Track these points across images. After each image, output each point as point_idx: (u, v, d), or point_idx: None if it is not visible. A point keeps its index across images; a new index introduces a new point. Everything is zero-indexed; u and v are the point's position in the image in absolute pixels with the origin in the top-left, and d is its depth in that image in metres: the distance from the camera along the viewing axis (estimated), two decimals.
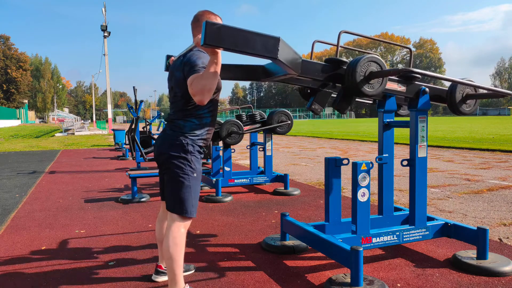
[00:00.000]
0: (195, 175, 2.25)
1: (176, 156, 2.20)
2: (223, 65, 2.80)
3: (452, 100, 2.92)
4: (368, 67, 2.49)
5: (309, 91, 3.04)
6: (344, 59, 2.60)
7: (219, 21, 2.31)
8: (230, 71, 2.92)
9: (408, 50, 3.12)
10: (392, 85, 2.77)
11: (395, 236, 2.85)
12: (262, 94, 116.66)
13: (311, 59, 2.96)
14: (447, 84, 2.99)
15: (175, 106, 2.30)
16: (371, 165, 2.70)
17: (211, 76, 1.99)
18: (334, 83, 2.64)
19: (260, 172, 6.01)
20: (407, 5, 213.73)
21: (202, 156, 2.33)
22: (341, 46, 2.77)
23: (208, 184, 5.70)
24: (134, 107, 8.57)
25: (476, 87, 2.92)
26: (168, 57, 2.69)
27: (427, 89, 2.84)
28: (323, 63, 2.61)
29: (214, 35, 1.91)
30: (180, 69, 2.21)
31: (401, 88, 2.80)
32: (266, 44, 2.05)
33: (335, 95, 2.82)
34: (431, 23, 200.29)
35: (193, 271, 2.76)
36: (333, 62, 2.61)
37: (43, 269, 2.86)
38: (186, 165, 2.21)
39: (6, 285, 2.60)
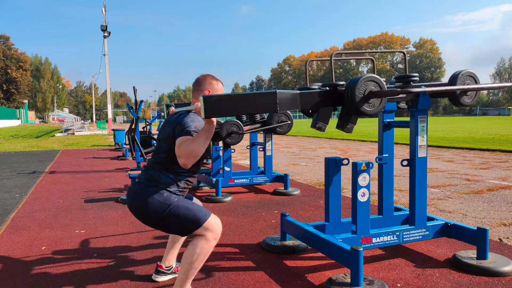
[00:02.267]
0: (175, 200, 2.18)
1: (152, 208, 2.14)
2: None
3: (453, 92, 2.91)
4: (366, 86, 2.49)
5: (310, 110, 3.05)
6: (340, 82, 2.64)
7: (220, 86, 2.37)
8: None
9: (402, 54, 3.13)
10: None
11: (395, 236, 2.85)
12: None
13: (306, 78, 3.03)
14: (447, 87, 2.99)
15: (156, 158, 2.28)
16: (371, 165, 2.70)
17: (201, 143, 1.98)
18: (335, 106, 2.66)
19: (260, 172, 6.01)
20: (407, 5, 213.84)
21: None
22: (335, 59, 2.79)
23: (208, 184, 5.70)
24: (134, 107, 8.58)
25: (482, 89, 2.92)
26: (168, 106, 2.73)
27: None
28: (320, 89, 2.64)
29: (213, 108, 1.98)
30: (172, 125, 2.19)
31: (400, 94, 2.81)
32: (265, 102, 2.13)
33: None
34: (431, 23, 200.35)
35: None
36: (330, 86, 2.63)
37: (43, 269, 2.86)
38: (162, 203, 2.14)
39: (6, 285, 2.60)
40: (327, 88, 2.63)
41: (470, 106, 3.06)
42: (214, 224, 2.18)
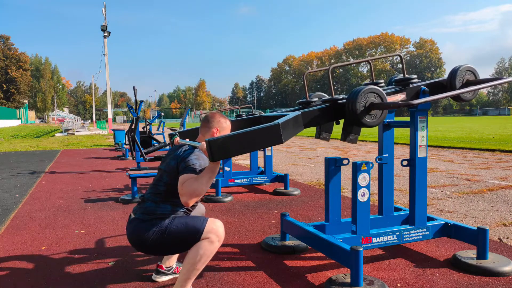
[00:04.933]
0: (167, 220, 2.18)
1: (151, 240, 2.14)
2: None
3: (453, 87, 2.91)
4: (367, 98, 2.50)
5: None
6: (340, 96, 2.64)
7: (228, 124, 2.40)
8: (233, 126, 2.95)
9: (398, 56, 3.12)
10: (392, 98, 2.77)
11: (395, 236, 2.85)
12: (262, 94, 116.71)
13: (306, 91, 3.05)
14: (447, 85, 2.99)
15: (155, 189, 2.27)
16: (371, 165, 2.70)
17: (205, 183, 1.99)
18: (336, 120, 2.67)
19: (260, 172, 6.01)
20: (407, 5, 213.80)
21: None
22: (334, 66, 2.79)
23: None
24: (134, 107, 8.57)
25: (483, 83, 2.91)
26: (171, 136, 2.73)
27: (427, 89, 2.84)
28: (321, 105, 2.65)
29: (220, 150, 2.00)
30: (176, 160, 2.19)
31: (401, 96, 2.81)
32: (269, 136, 2.13)
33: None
34: (431, 23, 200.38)
35: None
36: (330, 101, 2.64)
37: (43, 269, 2.86)
38: (159, 230, 2.14)
39: (6, 285, 2.60)
40: (327, 103, 2.65)
41: (470, 101, 3.07)
42: (214, 226, 2.18)
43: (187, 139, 2.65)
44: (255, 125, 2.25)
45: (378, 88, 2.54)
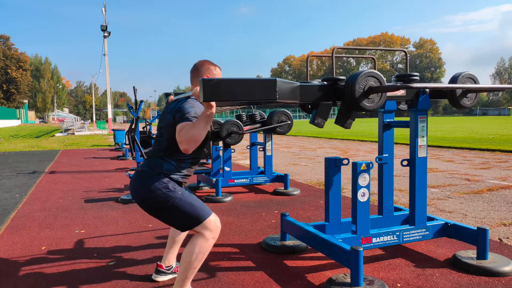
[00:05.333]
0: (179, 192, 2.17)
1: (155, 195, 2.14)
2: None
3: (453, 94, 2.91)
4: (367, 82, 2.49)
5: (310, 106, 3.04)
6: (341, 76, 2.63)
7: (218, 71, 2.35)
8: None
9: (403, 53, 3.12)
10: (391, 92, 2.77)
11: (395, 236, 2.85)
12: None
13: (307, 74, 3.04)
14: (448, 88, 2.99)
15: (158, 145, 2.27)
16: (371, 165, 2.70)
17: (202, 128, 1.98)
18: (334, 100, 2.66)
19: (260, 172, 6.01)
20: (407, 5, 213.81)
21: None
22: (336, 56, 2.78)
23: (208, 184, 5.70)
24: (134, 107, 8.57)
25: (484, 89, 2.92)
26: (167, 95, 2.72)
27: (427, 89, 2.84)
28: (320, 83, 2.63)
29: (212, 91, 1.96)
30: (172, 112, 2.19)
31: (401, 92, 2.80)
32: (264, 89, 2.11)
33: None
34: (432, 23, 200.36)
35: None
36: (331, 80, 2.63)
37: (43, 269, 2.86)
38: (166, 192, 2.14)
39: (6, 285, 2.60)
40: (328, 82, 2.63)
41: (470, 108, 3.06)
42: (214, 223, 2.18)
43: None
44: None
45: (378, 72, 2.54)
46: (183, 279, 2.18)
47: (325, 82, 2.63)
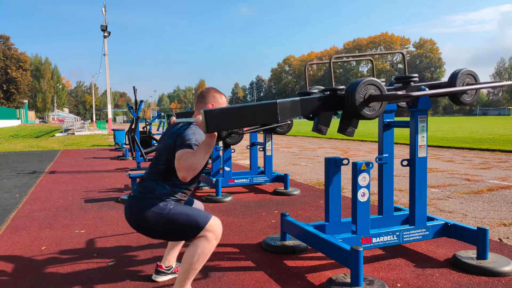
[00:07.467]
0: (171, 207, 2.15)
1: (147, 218, 2.12)
2: None
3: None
4: (367, 90, 2.49)
5: (311, 114, 3.05)
6: (340, 86, 2.64)
7: (223, 99, 2.36)
8: None
9: (401, 54, 3.11)
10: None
11: (395, 236, 2.85)
12: (262, 94, 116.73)
13: (306, 82, 3.04)
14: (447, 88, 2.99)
15: (154, 168, 2.26)
16: (371, 165, 2.70)
17: (202, 157, 1.97)
18: (335, 110, 2.66)
19: (260, 172, 6.01)
20: (407, 5, 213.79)
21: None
22: (334, 61, 2.78)
23: (208, 184, 5.70)
24: (134, 107, 8.58)
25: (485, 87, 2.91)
26: (169, 116, 2.73)
27: (427, 89, 2.84)
28: (320, 95, 2.64)
29: (215, 122, 1.98)
30: (172, 137, 2.18)
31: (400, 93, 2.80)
32: (266, 113, 2.14)
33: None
34: (432, 23, 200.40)
35: None
36: (330, 91, 2.63)
37: (43, 269, 2.86)
38: (156, 211, 2.12)
39: (6, 285, 2.60)
40: (327, 93, 2.64)
41: (470, 104, 3.05)
42: (214, 225, 2.17)
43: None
44: None
45: (378, 80, 2.54)
46: (183, 280, 2.18)
47: (325, 93, 2.64)
